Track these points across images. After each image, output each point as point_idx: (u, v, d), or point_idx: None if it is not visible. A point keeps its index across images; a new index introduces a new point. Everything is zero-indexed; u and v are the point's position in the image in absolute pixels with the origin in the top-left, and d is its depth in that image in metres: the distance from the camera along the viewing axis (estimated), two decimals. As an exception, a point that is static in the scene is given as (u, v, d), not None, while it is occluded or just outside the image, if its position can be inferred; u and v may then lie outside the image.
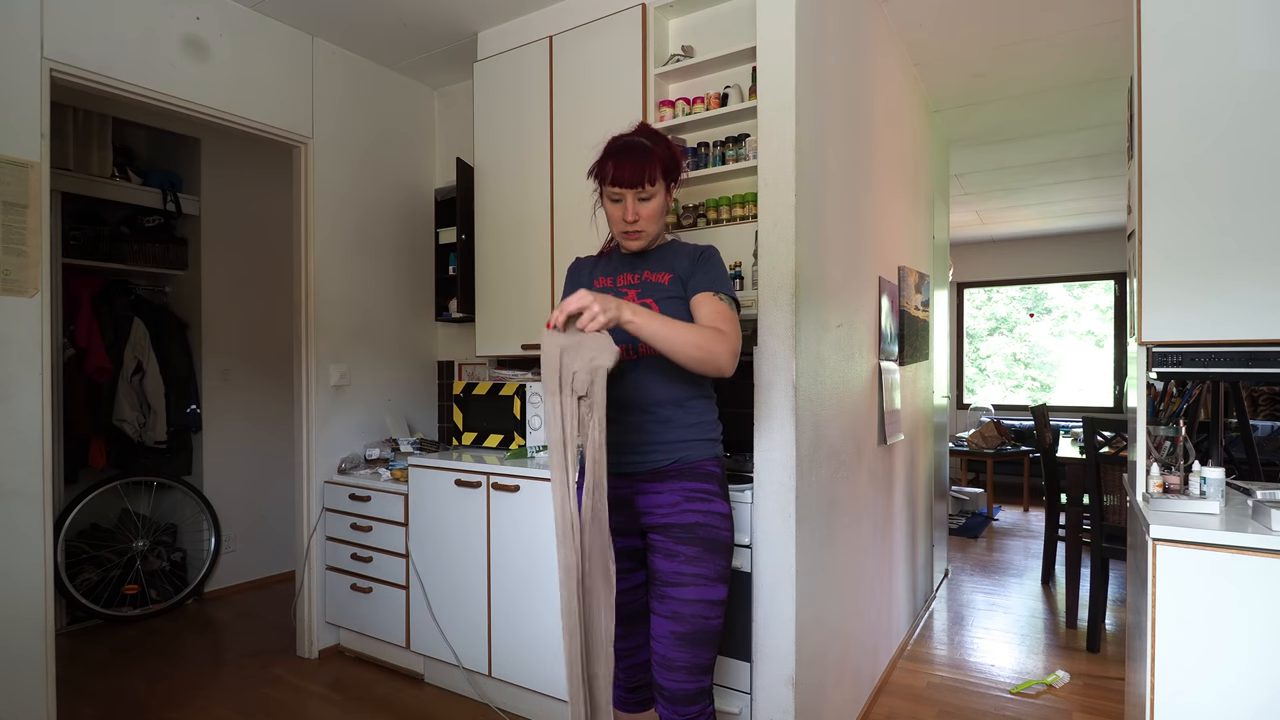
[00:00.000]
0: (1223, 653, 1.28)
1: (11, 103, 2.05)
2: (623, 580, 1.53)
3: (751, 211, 2.20)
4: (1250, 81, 1.44)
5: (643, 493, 1.50)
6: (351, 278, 3.08)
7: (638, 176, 1.45)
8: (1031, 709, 2.52)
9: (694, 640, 1.43)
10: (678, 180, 1.56)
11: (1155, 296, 1.52)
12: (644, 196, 1.48)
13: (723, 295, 1.49)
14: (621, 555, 1.52)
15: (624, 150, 1.47)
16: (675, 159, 1.54)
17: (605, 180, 1.48)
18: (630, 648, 1.58)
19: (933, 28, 2.81)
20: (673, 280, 1.53)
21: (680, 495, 1.48)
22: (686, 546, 1.45)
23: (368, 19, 2.78)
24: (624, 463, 1.50)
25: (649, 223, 1.51)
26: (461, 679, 2.57)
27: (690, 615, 1.43)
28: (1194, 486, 1.48)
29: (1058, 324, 7.27)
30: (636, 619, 1.58)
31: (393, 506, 2.70)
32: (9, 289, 2.04)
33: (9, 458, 2.04)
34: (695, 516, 1.46)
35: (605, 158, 1.49)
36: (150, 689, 2.66)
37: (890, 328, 2.78)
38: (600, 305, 1.24)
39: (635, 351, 1.49)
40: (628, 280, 1.57)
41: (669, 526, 1.47)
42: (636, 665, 1.59)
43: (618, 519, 1.50)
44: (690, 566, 1.44)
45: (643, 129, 1.55)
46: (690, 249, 1.58)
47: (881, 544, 2.70)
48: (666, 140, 1.55)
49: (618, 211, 1.50)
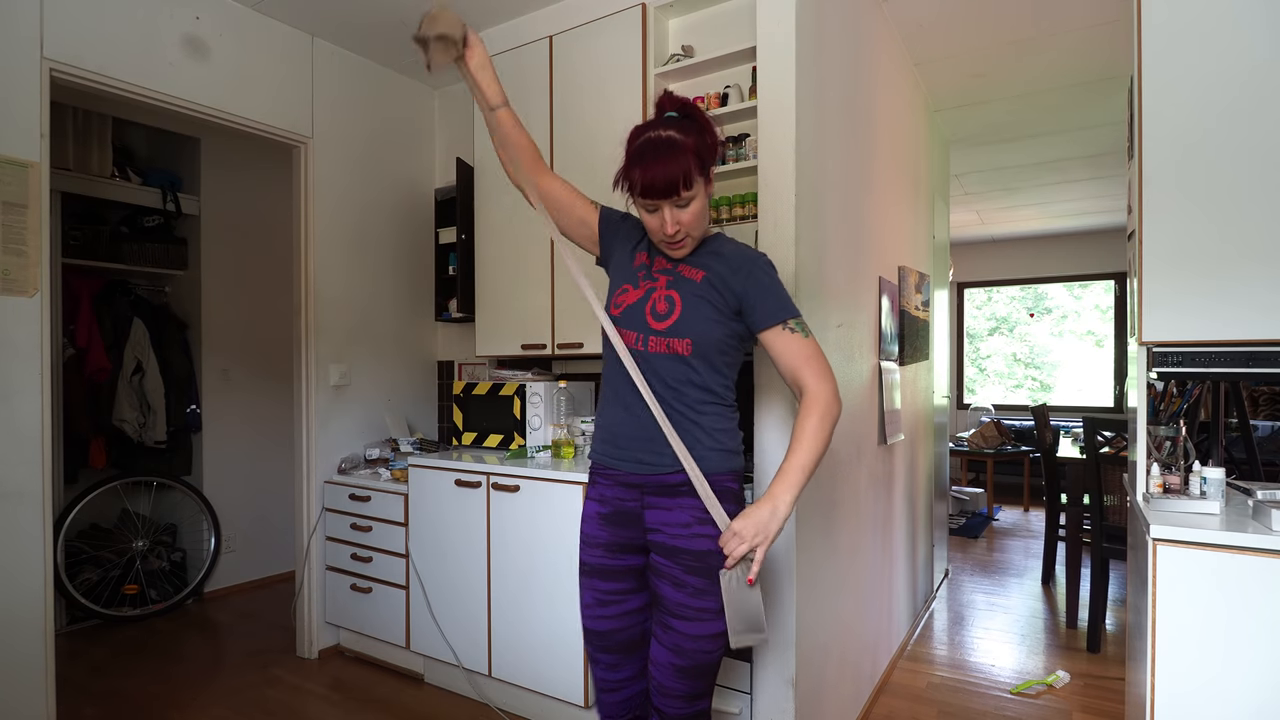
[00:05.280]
0: (1223, 653, 1.28)
1: (11, 103, 2.05)
2: (619, 604, 1.41)
3: (751, 211, 2.20)
4: (1250, 81, 1.44)
5: (651, 507, 1.38)
6: (351, 278, 3.08)
7: (671, 183, 1.26)
8: (1031, 709, 2.51)
9: (694, 674, 1.35)
10: (714, 160, 1.35)
11: (1155, 296, 1.52)
12: (682, 203, 1.29)
13: (794, 324, 1.34)
14: (620, 575, 1.41)
15: (651, 151, 1.27)
16: (710, 143, 1.33)
17: (634, 190, 1.30)
18: (622, 680, 1.44)
19: (933, 28, 2.81)
20: (705, 281, 1.37)
21: (692, 516, 1.34)
22: (696, 578, 1.32)
23: (368, 19, 2.78)
24: (630, 459, 1.38)
25: (692, 228, 1.33)
26: (461, 679, 2.57)
27: (692, 650, 1.33)
28: (1194, 486, 1.48)
29: (1058, 324, 7.27)
30: (633, 648, 1.43)
31: (393, 506, 2.70)
32: (9, 289, 2.04)
33: (9, 458, 2.04)
34: (708, 543, 1.33)
35: (630, 164, 1.30)
36: (150, 689, 2.66)
37: (890, 328, 2.78)
38: (755, 538, 1.25)
39: (645, 344, 1.36)
40: (663, 265, 1.41)
41: (678, 551, 1.34)
42: (631, 699, 1.45)
43: (621, 534, 1.40)
44: (698, 600, 1.32)
45: (666, 106, 1.35)
46: (736, 254, 1.40)
47: (881, 544, 2.70)
48: (697, 118, 1.34)
49: (654, 222, 1.33)
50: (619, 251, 1.48)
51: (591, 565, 1.43)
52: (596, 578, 1.42)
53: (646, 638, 1.43)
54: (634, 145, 1.31)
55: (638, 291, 1.40)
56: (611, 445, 1.42)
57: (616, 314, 1.40)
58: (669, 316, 1.35)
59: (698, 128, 1.31)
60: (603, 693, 1.46)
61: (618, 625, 1.41)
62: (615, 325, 1.38)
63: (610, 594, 1.41)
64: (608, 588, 1.41)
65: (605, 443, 1.44)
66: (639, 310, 1.38)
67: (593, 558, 1.43)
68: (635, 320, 1.37)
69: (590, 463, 1.49)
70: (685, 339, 1.33)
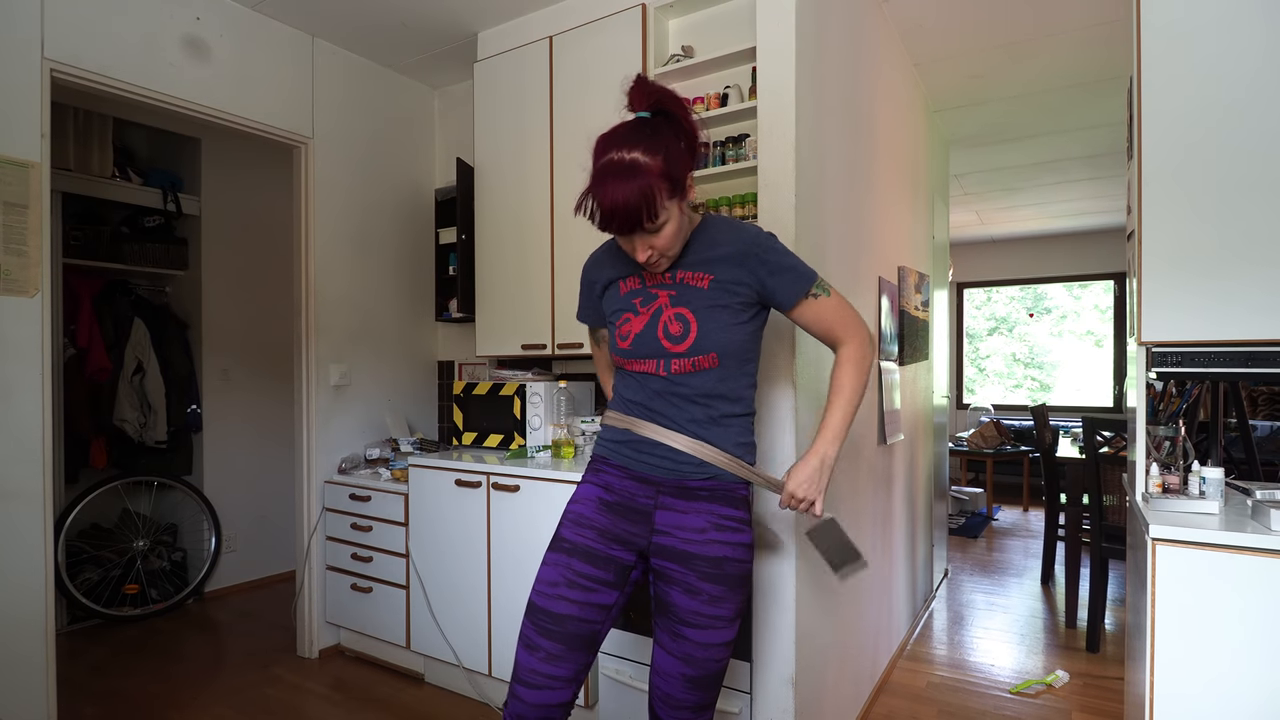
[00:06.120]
0: (1222, 652, 1.28)
1: (12, 103, 2.05)
2: (590, 591, 1.31)
3: (751, 211, 2.20)
4: (1250, 81, 1.44)
5: (665, 508, 1.32)
6: (352, 278, 3.08)
7: (632, 218, 1.15)
8: (1031, 709, 2.52)
9: (704, 684, 1.32)
10: (694, 166, 1.24)
11: (1155, 296, 1.52)
12: (652, 229, 1.20)
13: (817, 290, 1.32)
14: (603, 564, 1.32)
15: (613, 178, 1.14)
16: (686, 148, 1.20)
17: (595, 222, 1.18)
18: (553, 677, 1.28)
19: (933, 28, 2.81)
20: (715, 286, 1.29)
21: (709, 522, 1.30)
22: (711, 585, 1.28)
23: (368, 19, 2.78)
24: (648, 462, 1.33)
25: (669, 249, 1.25)
26: (462, 679, 2.57)
27: (703, 659, 1.30)
28: (1193, 486, 1.48)
29: (1057, 324, 7.27)
30: (579, 644, 1.30)
31: (393, 506, 2.70)
32: (9, 289, 2.04)
33: (9, 458, 2.04)
34: (724, 550, 1.30)
35: (591, 190, 1.17)
36: (151, 688, 2.66)
37: (890, 328, 2.78)
38: (811, 491, 1.33)
39: (667, 369, 1.31)
40: (658, 280, 1.33)
41: (693, 557, 1.29)
42: (551, 707, 1.29)
43: (620, 527, 1.34)
44: (711, 608, 1.28)
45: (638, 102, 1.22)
46: (735, 241, 1.31)
47: (881, 544, 2.70)
48: (673, 111, 1.21)
49: (627, 246, 1.25)
50: (606, 299, 1.44)
51: (575, 544, 1.34)
52: (577, 558, 1.33)
53: (596, 640, 1.34)
54: (597, 165, 1.18)
55: (642, 317, 1.33)
56: (628, 447, 1.37)
57: (626, 346, 1.34)
58: (686, 338, 1.29)
59: (671, 133, 1.19)
60: (522, 687, 1.29)
61: (577, 613, 1.30)
62: (629, 358, 1.34)
63: (584, 578, 1.32)
64: (585, 570, 1.32)
65: (620, 443, 1.38)
66: (650, 337, 1.31)
67: (581, 538, 1.34)
68: (650, 347, 1.31)
69: (593, 455, 1.45)
70: (710, 353, 1.29)
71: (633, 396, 1.37)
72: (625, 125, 1.21)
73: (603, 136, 1.21)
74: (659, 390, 1.33)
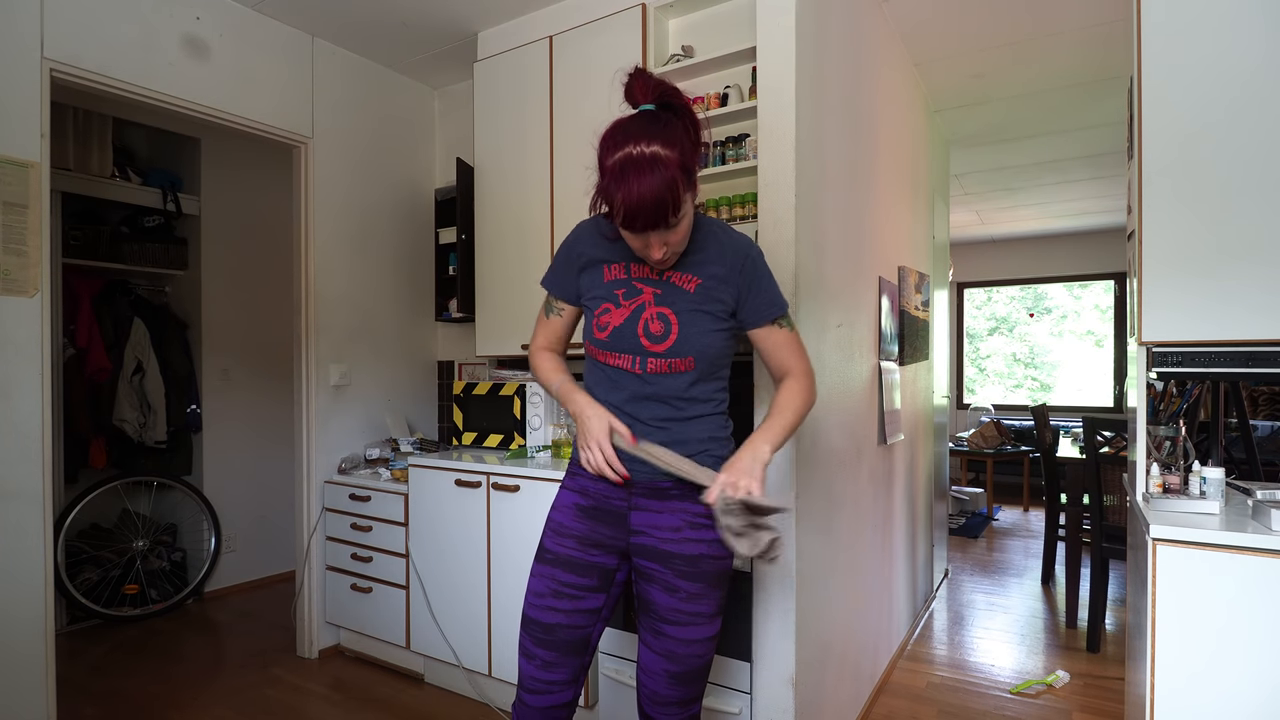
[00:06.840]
0: (1223, 652, 1.28)
1: (11, 103, 2.05)
2: (576, 599, 1.33)
3: (751, 211, 2.20)
4: (1250, 81, 1.44)
5: (639, 509, 1.33)
6: (351, 278, 3.08)
7: (660, 213, 1.12)
8: (1031, 709, 2.52)
9: (687, 679, 1.34)
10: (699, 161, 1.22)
11: (1155, 296, 1.52)
12: (673, 223, 1.16)
13: (784, 321, 1.34)
14: (586, 571, 1.34)
15: (635, 174, 1.09)
16: (694, 140, 1.18)
17: (617, 219, 1.15)
18: (553, 682, 1.34)
19: (933, 28, 2.81)
20: (701, 291, 1.28)
21: (683, 520, 1.30)
22: (689, 582, 1.29)
23: (368, 19, 2.78)
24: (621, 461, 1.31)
25: (681, 245, 1.23)
26: (462, 679, 2.57)
27: (685, 655, 1.31)
28: (1194, 486, 1.48)
29: (1058, 324, 7.27)
30: (573, 649, 1.34)
31: (393, 506, 2.70)
32: (9, 289, 2.04)
33: (9, 458, 2.04)
34: (700, 547, 1.30)
35: (611, 186, 1.12)
36: (150, 689, 2.66)
37: (890, 328, 2.78)
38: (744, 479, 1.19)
39: (642, 366, 1.30)
40: (645, 274, 1.31)
41: (669, 556, 1.30)
42: (556, 708, 1.35)
43: (598, 531, 1.35)
44: (690, 604, 1.30)
45: (639, 95, 1.18)
46: (728, 248, 1.31)
47: (881, 544, 2.70)
48: (677, 104, 1.18)
49: (639, 244, 1.20)
50: (585, 277, 1.38)
51: (557, 555, 1.35)
52: (560, 568, 1.34)
53: (589, 643, 1.37)
54: (613, 160, 1.12)
55: (623, 310, 1.30)
56: None
57: (603, 337, 1.31)
58: (666, 338, 1.28)
59: (681, 125, 1.15)
60: (526, 693, 1.35)
61: (567, 621, 1.33)
62: (605, 349, 1.32)
63: (570, 587, 1.34)
64: (569, 580, 1.34)
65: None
66: (629, 332, 1.29)
67: (562, 548, 1.35)
68: (627, 343, 1.29)
69: (570, 459, 1.45)
70: (688, 357, 1.28)
71: (607, 398, 1.35)
72: (635, 118, 1.16)
73: (612, 129, 1.16)
74: (635, 393, 1.32)
